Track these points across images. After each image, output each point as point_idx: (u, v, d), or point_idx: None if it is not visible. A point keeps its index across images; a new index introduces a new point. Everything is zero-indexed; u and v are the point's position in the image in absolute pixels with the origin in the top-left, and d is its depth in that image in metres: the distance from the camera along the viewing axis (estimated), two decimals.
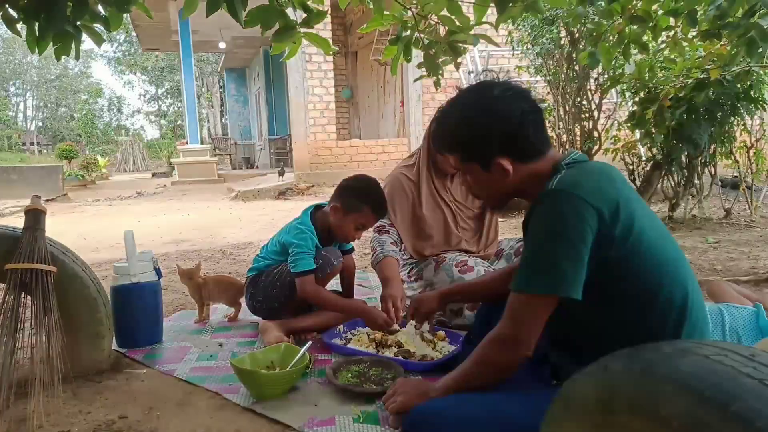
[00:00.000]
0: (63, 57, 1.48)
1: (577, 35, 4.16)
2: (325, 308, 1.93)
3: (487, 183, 1.13)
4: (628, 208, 0.98)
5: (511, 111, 1.06)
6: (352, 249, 2.15)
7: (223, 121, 21.33)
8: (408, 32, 1.83)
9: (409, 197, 2.05)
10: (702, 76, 2.78)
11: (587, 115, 4.40)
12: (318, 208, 2.03)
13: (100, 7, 1.46)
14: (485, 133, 1.07)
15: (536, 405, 1.01)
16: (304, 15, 1.46)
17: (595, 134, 4.38)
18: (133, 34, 13.13)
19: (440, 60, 1.85)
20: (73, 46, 1.45)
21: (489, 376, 1.09)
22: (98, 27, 1.50)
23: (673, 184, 4.09)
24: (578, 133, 4.42)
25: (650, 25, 1.88)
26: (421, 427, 1.08)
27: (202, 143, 11.52)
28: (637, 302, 0.98)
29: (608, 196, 0.98)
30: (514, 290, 1.03)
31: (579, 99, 4.38)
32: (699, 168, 4.00)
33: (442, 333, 1.78)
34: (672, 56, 2.95)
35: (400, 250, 2.04)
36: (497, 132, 1.07)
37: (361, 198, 1.88)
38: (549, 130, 4.61)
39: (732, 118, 3.66)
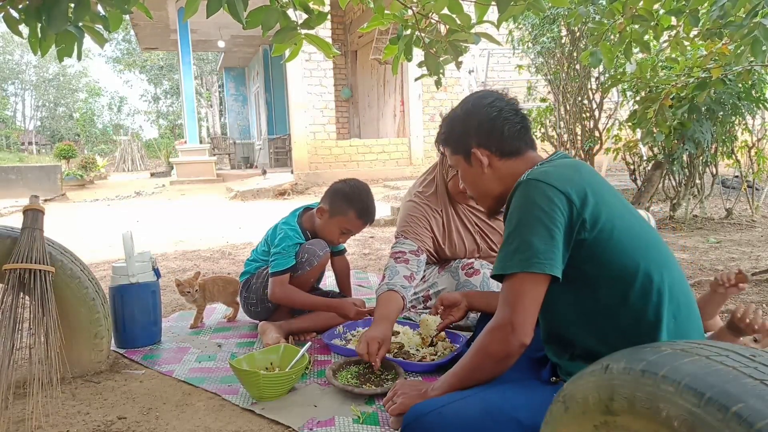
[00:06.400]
0: (65, 57, 1.48)
1: (578, 34, 4.15)
2: (297, 307, 1.91)
3: (471, 176, 1.24)
4: (597, 194, 1.03)
5: (490, 108, 1.20)
6: (344, 250, 2.15)
7: (222, 120, 21.33)
8: (409, 31, 1.82)
9: (430, 229, 1.92)
10: (703, 75, 2.77)
11: (588, 114, 4.40)
12: (308, 209, 2.02)
13: (99, 8, 1.46)
14: (465, 125, 1.22)
15: (534, 401, 1.03)
16: (305, 16, 1.46)
17: (596, 133, 4.38)
18: (132, 33, 13.10)
19: (441, 59, 1.84)
20: (75, 47, 1.45)
21: (488, 366, 1.08)
22: (98, 27, 1.50)
23: (674, 183, 4.09)
24: (579, 132, 4.42)
25: (652, 24, 1.87)
26: (419, 425, 1.07)
27: (200, 143, 11.53)
28: (617, 283, 1.01)
29: (575, 182, 1.03)
30: (493, 275, 1.08)
31: (580, 98, 4.37)
32: (700, 167, 4.00)
33: (442, 333, 1.78)
34: (674, 55, 2.95)
35: (419, 280, 1.85)
36: (474, 123, 1.21)
37: (347, 201, 1.87)
38: (550, 129, 4.62)
39: (733, 118, 3.66)
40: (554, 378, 1.14)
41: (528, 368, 1.16)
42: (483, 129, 1.19)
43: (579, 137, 4.43)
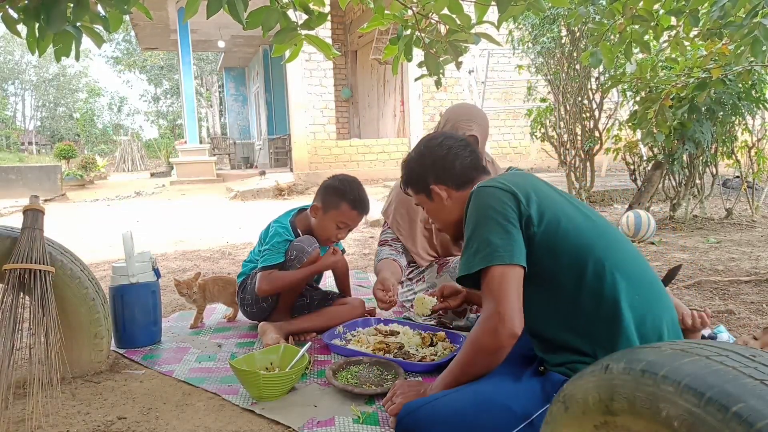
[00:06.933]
0: (62, 57, 1.48)
1: (578, 34, 4.15)
2: (288, 287, 1.90)
3: (435, 210, 1.37)
4: (540, 193, 1.14)
5: (440, 147, 1.35)
6: (343, 250, 2.15)
7: (222, 120, 21.32)
8: (408, 31, 1.82)
9: (414, 218, 2.03)
10: (703, 76, 2.77)
11: (588, 114, 4.39)
12: (303, 210, 2.03)
13: (99, 8, 1.46)
14: (421, 166, 1.36)
15: (525, 390, 1.07)
16: (305, 17, 1.46)
17: (596, 133, 4.38)
18: (132, 33, 13.10)
19: (441, 59, 1.84)
20: (73, 47, 1.45)
21: (481, 360, 1.10)
22: (98, 27, 1.50)
23: (674, 183, 4.09)
24: (579, 132, 4.42)
25: (652, 24, 1.87)
26: (411, 419, 1.09)
27: (201, 143, 11.52)
28: (571, 270, 1.08)
29: (520, 185, 1.15)
30: (458, 278, 1.14)
31: (580, 98, 4.37)
32: (700, 168, 4.00)
33: (442, 333, 1.78)
34: (674, 56, 2.95)
35: (405, 256, 2.05)
36: (428, 163, 1.34)
37: (339, 195, 1.87)
38: (550, 129, 4.62)
39: (733, 118, 3.66)
40: (542, 368, 1.16)
41: (519, 365, 1.18)
42: (437, 167, 1.33)
43: (579, 137, 4.42)
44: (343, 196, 1.87)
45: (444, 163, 1.33)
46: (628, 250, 1.14)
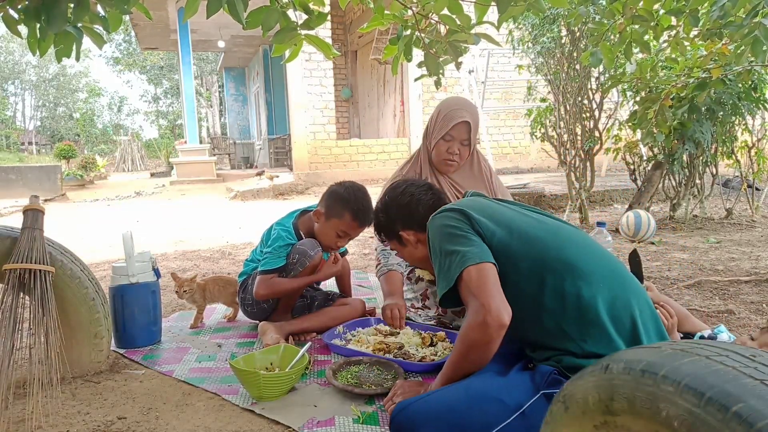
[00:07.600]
0: (63, 57, 1.48)
1: (578, 34, 4.15)
2: (285, 294, 1.91)
3: (408, 253, 1.47)
4: (489, 209, 1.22)
5: (403, 195, 1.45)
6: (345, 251, 2.14)
7: (222, 120, 21.33)
8: (408, 31, 1.82)
9: None
10: (703, 76, 2.77)
11: (588, 114, 4.39)
12: (306, 212, 2.02)
13: (99, 8, 1.46)
14: (388, 216, 1.47)
15: (515, 383, 1.10)
16: (305, 16, 1.46)
17: (596, 134, 4.37)
18: (132, 33, 13.10)
19: (441, 59, 1.84)
20: (74, 47, 1.45)
21: (473, 353, 1.12)
22: (97, 28, 1.50)
23: (674, 183, 4.09)
24: (579, 132, 4.42)
25: (652, 24, 1.87)
26: (404, 415, 1.10)
27: (201, 143, 11.52)
28: (533, 273, 1.12)
29: (469, 204, 1.23)
30: (441, 299, 1.17)
31: (580, 98, 4.37)
32: (700, 168, 4.00)
33: (442, 333, 1.78)
34: (674, 56, 2.95)
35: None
36: (394, 211, 1.45)
37: (343, 204, 1.85)
38: (550, 129, 4.62)
39: (733, 118, 3.66)
40: (531, 365, 1.18)
41: (508, 362, 1.20)
42: (402, 214, 1.43)
43: (579, 137, 4.42)
44: (347, 205, 1.84)
45: (408, 210, 1.43)
46: (586, 243, 1.19)
